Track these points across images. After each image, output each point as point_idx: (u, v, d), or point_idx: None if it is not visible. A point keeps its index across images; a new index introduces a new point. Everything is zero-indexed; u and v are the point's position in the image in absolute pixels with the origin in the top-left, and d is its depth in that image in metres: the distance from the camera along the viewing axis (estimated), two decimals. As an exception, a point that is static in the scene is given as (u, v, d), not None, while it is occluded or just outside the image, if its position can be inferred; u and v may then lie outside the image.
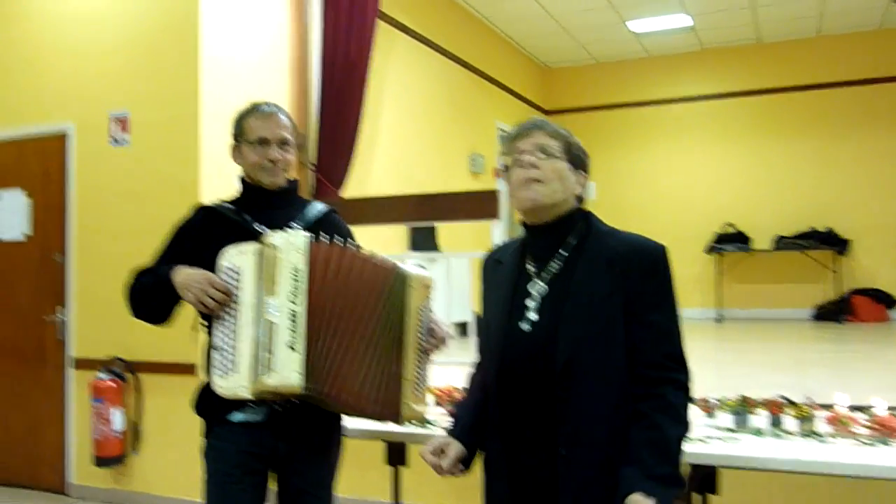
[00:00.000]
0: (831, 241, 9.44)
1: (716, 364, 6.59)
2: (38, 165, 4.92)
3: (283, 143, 2.28)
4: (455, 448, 1.79)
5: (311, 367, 1.99)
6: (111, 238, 4.60)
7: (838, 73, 9.65)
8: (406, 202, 4.39)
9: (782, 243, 9.67)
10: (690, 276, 10.24)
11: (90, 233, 4.72)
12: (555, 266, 1.74)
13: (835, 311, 9.19)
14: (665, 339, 1.67)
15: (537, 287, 1.74)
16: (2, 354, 5.02)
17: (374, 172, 6.26)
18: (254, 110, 2.31)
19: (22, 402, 4.94)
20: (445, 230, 7.01)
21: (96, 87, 4.72)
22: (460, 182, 7.96)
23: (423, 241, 6.77)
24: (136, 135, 4.60)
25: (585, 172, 1.79)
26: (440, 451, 1.79)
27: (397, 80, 6.75)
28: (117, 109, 4.64)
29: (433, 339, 2.16)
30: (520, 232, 1.87)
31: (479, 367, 1.92)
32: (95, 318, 4.65)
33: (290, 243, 2.04)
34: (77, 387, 4.75)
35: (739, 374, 5.60)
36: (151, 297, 2.18)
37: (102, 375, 4.47)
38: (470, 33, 8.42)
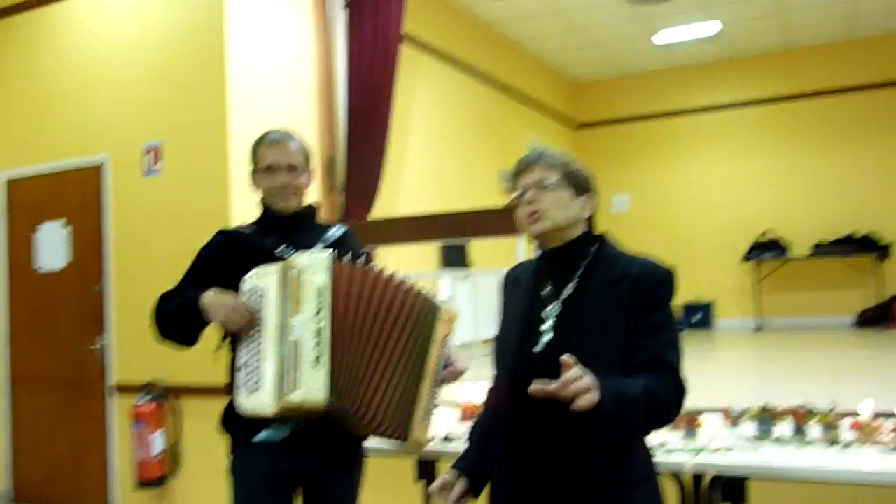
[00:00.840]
0: (870, 247, 9.26)
1: (755, 374, 6.51)
2: (76, 197, 5.08)
3: (291, 169, 2.34)
4: (461, 484, 1.85)
5: (336, 383, 2.04)
6: (147, 265, 4.72)
7: (872, 75, 9.51)
8: (430, 221, 4.43)
9: (820, 250, 9.52)
10: (728, 286, 10.14)
11: (126, 261, 4.85)
12: (569, 289, 1.78)
13: (877, 318, 9.00)
14: (658, 344, 1.69)
15: (552, 309, 1.78)
16: (46, 382, 5.16)
17: (403, 193, 6.33)
18: (264, 139, 2.39)
19: (66, 428, 5.07)
20: (476, 247, 7.05)
21: (129, 119, 4.87)
22: (491, 198, 8.00)
23: (455, 258, 6.81)
24: (167, 164, 4.73)
25: (590, 192, 1.84)
26: (448, 488, 1.86)
27: (424, 99, 6.83)
28: (150, 140, 4.78)
29: (451, 373, 2.22)
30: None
31: (495, 383, 1.96)
32: (134, 344, 4.77)
33: (315, 264, 2.10)
34: (118, 412, 4.86)
35: (778, 384, 5.52)
36: (178, 319, 2.24)
37: (142, 400, 4.57)
38: (496, 51, 8.49)
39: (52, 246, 5.14)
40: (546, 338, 1.75)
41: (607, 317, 1.69)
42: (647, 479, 1.74)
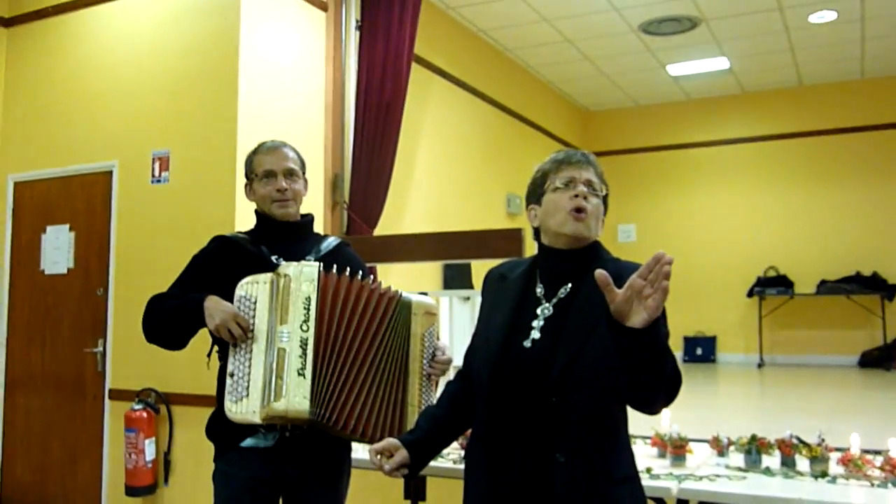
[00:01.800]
0: (877, 286, 9.23)
1: (752, 409, 6.48)
2: (83, 202, 5.12)
3: (289, 174, 2.37)
4: (401, 455, 1.82)
5: (319, 393, 2.06)
6: (149, 272, 4.74)
7: (883, 115, 9.54)
8: (431, 239, 4.45)
9: (826, 287, 9.49)
10: (731, 321, 10.10)
11: (129, 267, 4.88)
12: (563, 291, 1.79)
13: (882, 358, 8.96)
14: None
15: (545, 310, 1.78)
16: (44, 384, 5.17)
17: (408, 213, 6.36)
18: (260, 147, 2.43)
19: (61, 432, 5.07)
20: (479, 269, 7.07)
21: (140, 127, 4.92)
22: (497, 223, 8.02)
23: (457, 279, 6.82)
24: (175, 173, 4.77)
25: (605, 215, 1.87)
26: (388, 454, 1.83)
27: (433, 122, 6.88)
28: (158, 149, 4.83)
29: (437, 364, 2.22)
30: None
31: (460, 377, 1.95)
32: (132, 351, 4.77)
33: (303, 273, 2.13)
34: (112, 417, 4.86)
35: (774, 419, 5.49)
36: (177, 319, 2.25)
37: (136, 406, 4.58)
38: (507, 76, 8.55)
39: (57, 249, 5.18)
40: (535, 334, 1.74)
41: (597, 315, 1.67)
42: (632, 478, 1.74)
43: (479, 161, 7.84)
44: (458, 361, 2.27)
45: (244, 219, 4.48)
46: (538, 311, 1.78)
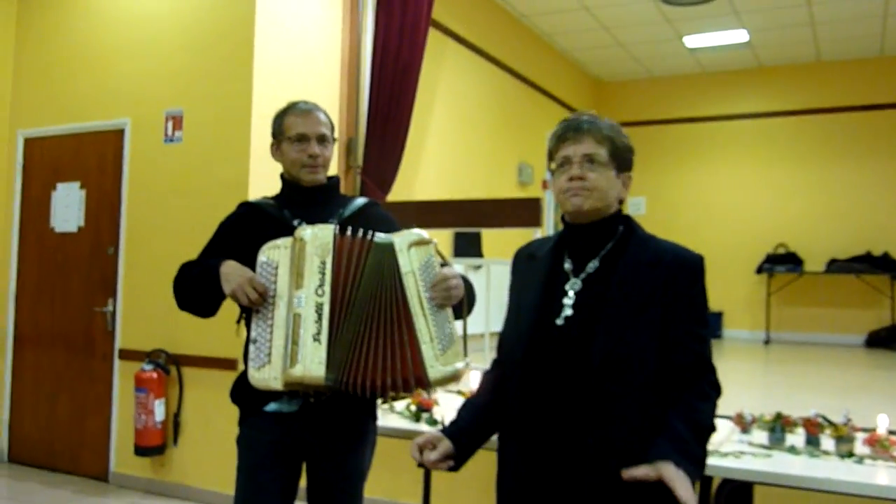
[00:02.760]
0: (887, 266, 9.18)
1: (762, 385, 6.47)
2: (94, 160, 5.07)
3: (321, 140, 2.31)
4: (445, 445, 1.76)
5: (334, 358, 2.01)
6: (160, 233, 4.71)
7: (900, 94, 9.41)
8: (447, 207, 4.40)
9: (836, 266, 9.44)
10: (739, 297, 10.07)
11: (141, 227, 4.84)
12: (592, 266, 1.73)
13: (889, 338, 8.93)
14: (699, 344, 1.68)
15: (574, 285, 1.73)
16: (53, 343, 5.16)
17: (420, 178, 6.30)
18: (292, 108, 2.35)
19: (69, 390, 5.07)
20: (490, 237, 7.01)
21: (153, 86, 4.84)
22: (508, 191, 7.96)
23: (468, 248, 6.78)
24: (188, 132, 4.71)
25: (630, 171, 1.80)
26: (430, 446, 1.76)
27: (448, 87, 6.79)
28: (172, 107, 4.76)
29: (440, 290, 2.04)
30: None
31: (497, 363, 1.90)
32: (142, 311, 4.75)
33: (317, 237, 2.07)
34: (122, 377, 4.86)
35: (784, 396, 5.48)
36: (198, 287, 2.22)
37: (146, 367, 4.56)
38: (523, 44, 8.43)
39: (68, 207, 5.14)
40: (568, 311, 1.70)
41: (640, 302, 1.64)
42: None
43: (491, 128, 7.76)
44: (472, 329, 2.19)
45: (258, 180, 4.43)
46: (568, 287, 1.74)
